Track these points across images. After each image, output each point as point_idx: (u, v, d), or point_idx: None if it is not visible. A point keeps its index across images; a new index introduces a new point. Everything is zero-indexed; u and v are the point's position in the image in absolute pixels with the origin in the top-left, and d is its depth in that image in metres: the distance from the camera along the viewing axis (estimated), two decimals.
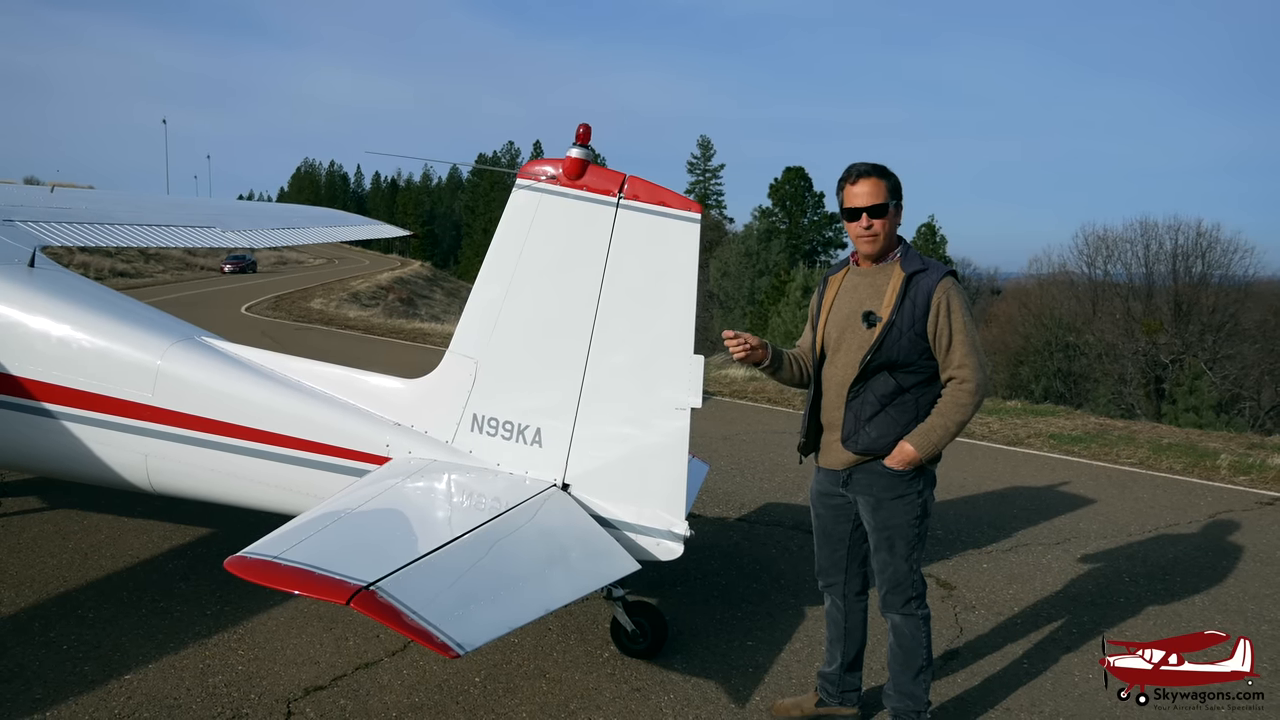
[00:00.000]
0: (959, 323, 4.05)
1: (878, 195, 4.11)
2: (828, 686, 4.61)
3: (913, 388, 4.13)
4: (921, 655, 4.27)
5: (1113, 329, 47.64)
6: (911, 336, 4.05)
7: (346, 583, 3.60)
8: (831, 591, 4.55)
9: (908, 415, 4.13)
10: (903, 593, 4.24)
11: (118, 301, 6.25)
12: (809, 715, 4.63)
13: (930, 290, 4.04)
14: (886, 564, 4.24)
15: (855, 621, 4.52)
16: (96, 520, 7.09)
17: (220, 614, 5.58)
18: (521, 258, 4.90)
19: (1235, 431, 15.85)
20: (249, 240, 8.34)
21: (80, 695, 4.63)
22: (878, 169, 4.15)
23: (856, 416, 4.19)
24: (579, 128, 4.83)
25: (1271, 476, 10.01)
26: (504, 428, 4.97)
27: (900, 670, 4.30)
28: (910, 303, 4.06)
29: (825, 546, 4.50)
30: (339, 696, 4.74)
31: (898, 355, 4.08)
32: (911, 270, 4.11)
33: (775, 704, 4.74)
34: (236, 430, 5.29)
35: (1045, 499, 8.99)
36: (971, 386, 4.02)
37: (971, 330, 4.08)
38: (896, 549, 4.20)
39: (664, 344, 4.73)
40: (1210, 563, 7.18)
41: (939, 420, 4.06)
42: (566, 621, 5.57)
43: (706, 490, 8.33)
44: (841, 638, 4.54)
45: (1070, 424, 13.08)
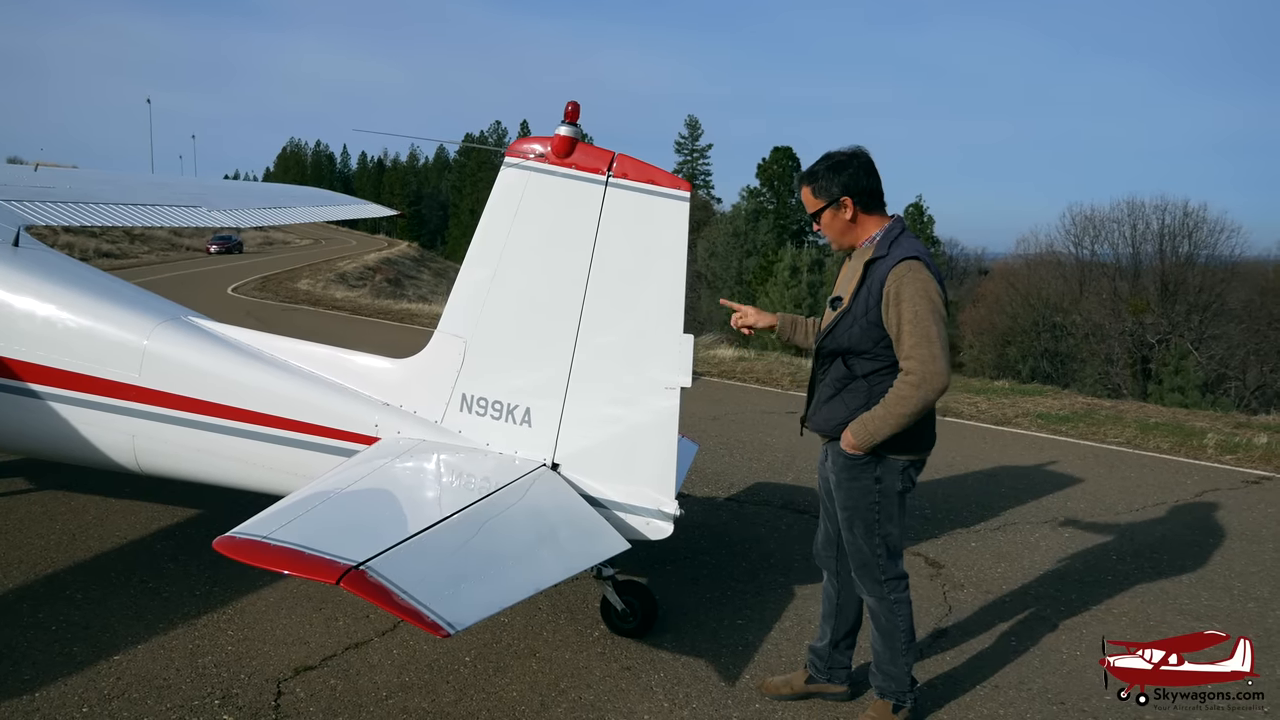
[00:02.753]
0: (908, 312, 3.90)
1: (810, 204, 4.20)
2: (817, 662, 4.63)
3: (868, 375, 4.10)
4: (900, 638, 4.26)
5: (1099, 309, 47.86)
6: (865, 324, 4.03)
7: (336, 562, 3.59)
8: (826, 568, 4.59)
9: (858, 401, 4.11)
10: (869, 574, 4.25)
11: (103, 281, 6.20)
12: (799, 692, 4.65)
13: (883, 279, 3.97)
14: (849, 542, 4.28)
15: (847, 599, 4.52)
16: (84, 501, 7.06)
17: (209, 594, 5.57)
18: (510, 236, 4.87)
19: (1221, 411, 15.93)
20: (235, 220, 8.30)
21: (69, 676, 4.62)
22: (810, 174, 4.18)
23: (817, 397, 4.30)
24: (567, 105, 4.80)
25: (1257, 455, 10.08)
26: (493, 407, 4.96)
27: (881, 650, 4.32)
28: (866, 290, 4.04)
29: (823, 518, 4.56)
30: (329, 676, 4.74)
31: (849, 342, 4.09)
32: (874, 255, 4.07)
33: (765, 681, 4.77)
34: (224, 410, 5.27)
35: (1033, 478, 9.03)
36: (914, 379, 3.88)
37: (924, 319, 3.88)
38: (855, 529, 4.22)
39: (653, 323, 4.73)
40: (1197, 541, 7.23)
41: (880, 410, 3.97)
42: (556, 601, 5.58)
43: (696, 470, 8.34)
44: (833, 614, 4.57)
45: (1057, 403, 13.14)
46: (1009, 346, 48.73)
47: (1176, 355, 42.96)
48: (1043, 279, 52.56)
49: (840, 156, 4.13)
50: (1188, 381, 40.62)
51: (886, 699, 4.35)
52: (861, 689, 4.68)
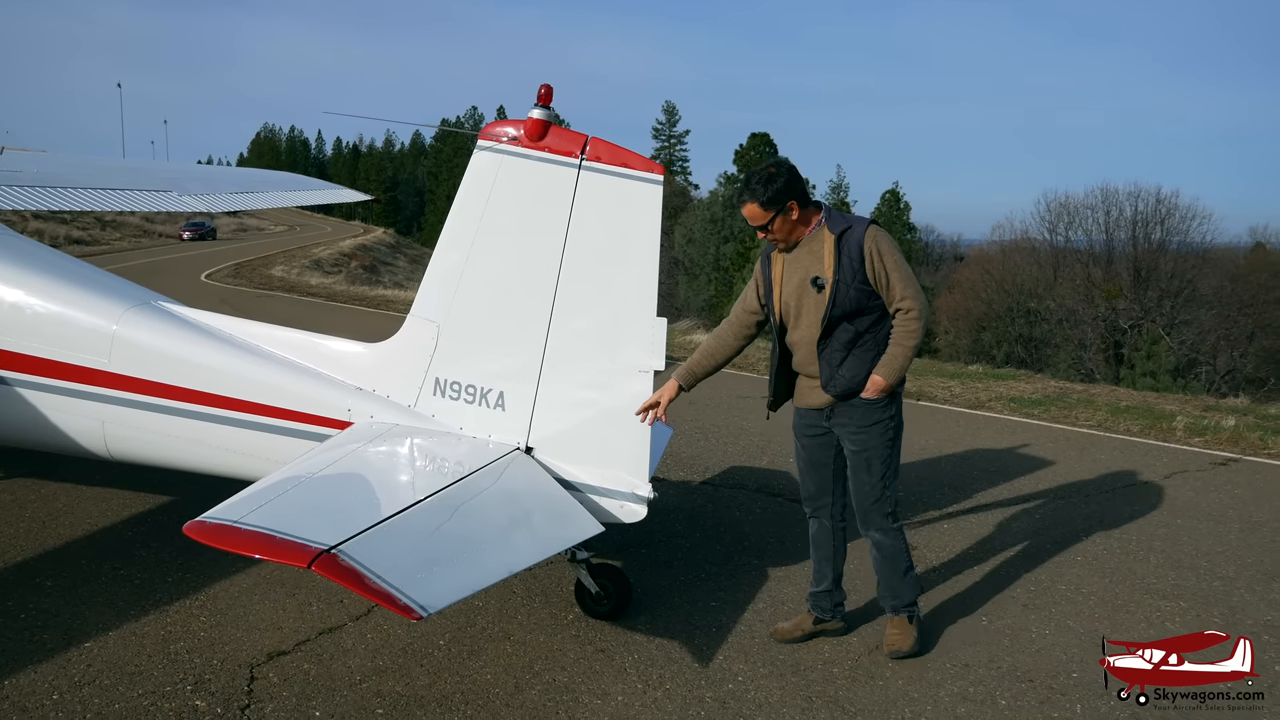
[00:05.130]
0: (891, 262, 4.56)
1: (759, 217, 4.62)
2: (822, 603, 5.06)
3: (869, 329, 4.67)
4: (904, 560, 4.91)
5: (1073, 295, 48.22)
6: (857, 287, 4.57)
7: (308, 546, 3.58)
8: (820, 514, 5.04)
9: (871, 352, 4.68)
10: (880, 508, 4.82)
11: (72, 266, 6.15)
12: (809, 633, 5.07)
13: (860, 242, 4.55)
14: (864, 483, 4.80)
15: (840, 540, 5.05)
16: (54, 488, 7.01)
17: (181, 580, 5.54)
18: (483, 220, 4.86)
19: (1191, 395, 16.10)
20: (207, 205, 8.20)
21: (39, 663, 4.59)
22: (752, 192, 4.58)
23: (830, 365, 4.71)
24: (540, 88, 4.79)
25: (1225, 438, 10.19)
26: (466, 391, 4.95)
27: (889, 574, 4.92)
28: (847, 258, 4.57)
29: (812, 474, 5.01)
30: (302, 661, 4.73)
31: (850, 306, 4.60)
32: (839, 230, 4.60)
33: (776, 629, 5.13)
34: (195, 395, 5.23)
35: (1005, 460, 9.11)
36: (915, 313, 4.58)
37: (904, 265, 4.61)
38: (873, 468, 4.77)
39: (627, 307, 4.74)
40: (1165, 521, 7.31)
41: (897, 350, 4.62)
42: (531, 584, 5.59)
43: (670, 454, 8.36)
44: (832, 555, 5.03)
45: (1030, 388, 13.24)
46: (984, 332, 49.03)
47: (1148, 340, 43.36)
48: (1018, 265, 52.93)
49: (771, 169, 4.62)
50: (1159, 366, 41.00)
51: (901, 614, 4.96)
52: (854, 624, 5.21)
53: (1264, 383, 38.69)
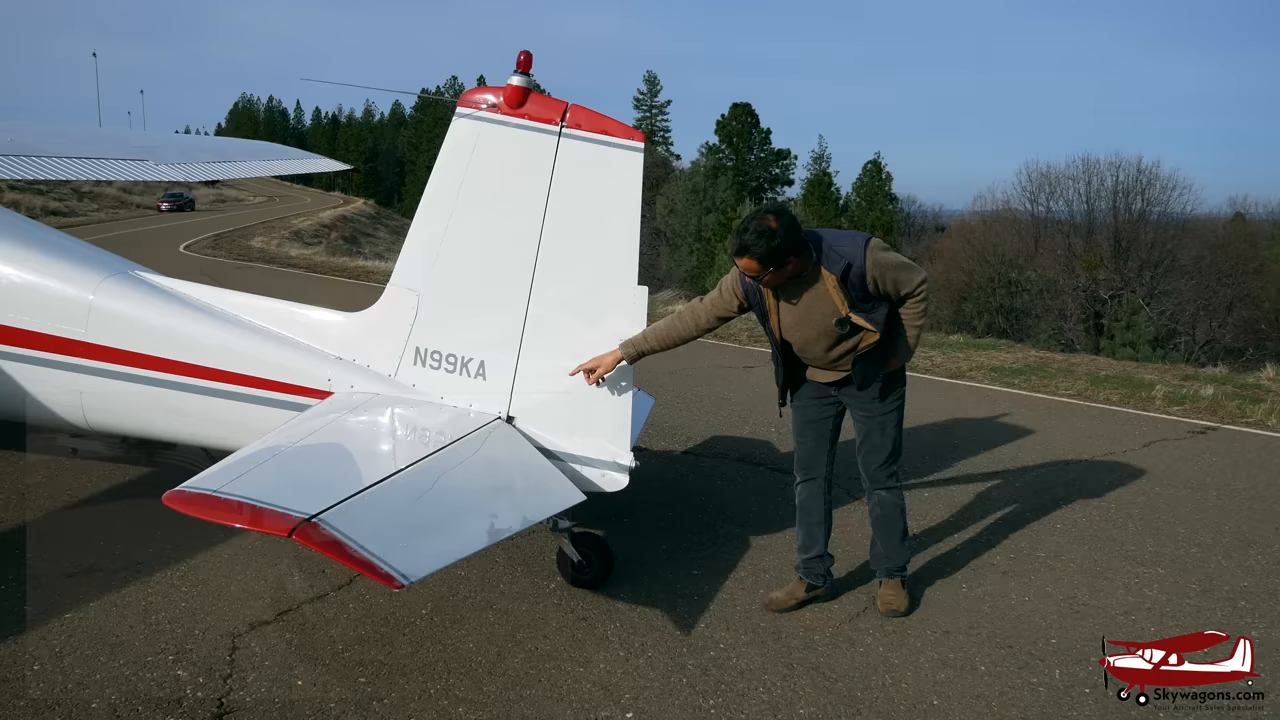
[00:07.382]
0: (892, 271, 4.59)
1: (756, 270, 4.50)
2: (815, 568, 5.11)
3: (888, 323, 4.73)
4: (901, 524, 5.08)
5: (1054, 265, 48.38)
6: (875, 303, 4.64)
7: (289, 515, 3.57)
8: (812, 483, 5.10)
9: (888, 343, 4.78)
10: (888, 467, 5.03)
11: (47, 236, 6.07)
12: (802, 600, 5.11)
13: (862, 269, 4.53)
14: (878, 444, 5.00)
15: (829, 504, 5.16)
16: (32, 461, 6.94)
17: (162, 551, 5.52)
18: (463, 188, 4.83)
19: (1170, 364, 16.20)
20: (183, 174, 8.07)
21: (19, 635, 4.57)
22: (748, 249, 4.40)
23: (859, 367, 4.80)
24: (520, 55, 4.74)
25: (1203, 407, 10.28)
26: (447, 360, 4.93)
27: (887, 537, 5.08)
28: (854, 291, 4.57)
29: (808, 437, 5.09)
30: (284, 631, 4.73)
31: (883, 318, 4.67)
32: (839, 270, 4.53)
33: (769, 598, 5.13)
34: (174, 366, 5.19)
35: (986, 430, 9.16)
36: (923, 294, 4.70)
37: (900, 261, 4.66)
38: (888, 429, 4.99)
39: (607, 275, 4.73)
40: (1144, 489, 7.37)
41: (913, 332, 4.84)
42: (513, 553, 5.59)
43: (652, 423, 8.36)
44: (823, 520, 5.11)
45: (1011, 357, 13.30)
46: (965, 302, 49.16)
47: (1128, 311, 43.60)
48: (999, 235, 53.03)
49: (770, 223, 4.38)
50: (1139, 336, 41.26)
51: (894, 577, 5.12)
52: (839, 590, 5.28)
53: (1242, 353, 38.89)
